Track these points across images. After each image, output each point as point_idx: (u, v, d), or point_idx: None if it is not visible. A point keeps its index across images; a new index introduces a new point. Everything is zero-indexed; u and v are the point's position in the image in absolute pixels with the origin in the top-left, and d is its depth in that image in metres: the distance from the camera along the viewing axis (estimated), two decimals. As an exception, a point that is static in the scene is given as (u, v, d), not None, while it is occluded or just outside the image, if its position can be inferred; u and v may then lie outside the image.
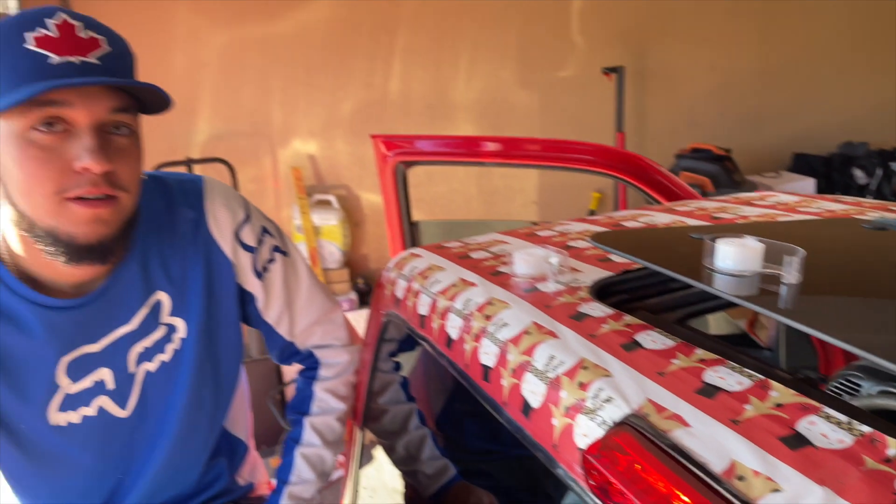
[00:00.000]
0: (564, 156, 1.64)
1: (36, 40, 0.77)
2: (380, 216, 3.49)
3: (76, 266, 0.85)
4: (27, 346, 0.89)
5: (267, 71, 3.14)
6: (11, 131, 0.78)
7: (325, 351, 1.14)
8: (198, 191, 1.01)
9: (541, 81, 3.50)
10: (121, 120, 0.82)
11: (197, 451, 1.08)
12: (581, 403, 0.59)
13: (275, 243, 1.07)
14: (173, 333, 0.99)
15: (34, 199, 0.80)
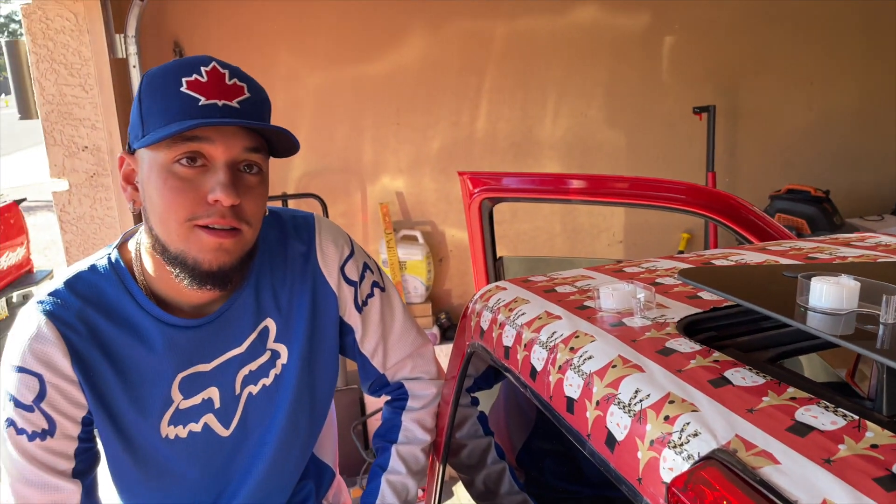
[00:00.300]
0: (653, 194, 1.63)
1: (188, 84, 0.85)
2: (463, 252, 3.54)
3: (198, 289, 0.91)
4: (149, 360, 0.96)
5: (359, 110, 3.27)
6: (157, 162, 0.87)
7: (413, 383, 1.18)
8: (309, 227, 1.08)
9: (629, 120, 3.49)
10: (252, 159, 0.90)
11: (289, 474, 1.13)
12: (667, 437, 0.58)
13: (374, 279, 1.13)
14: (277, 359, 1.05)
15: (169, 224, 0.88)
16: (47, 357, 0.91)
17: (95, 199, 2.62)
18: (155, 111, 0.86)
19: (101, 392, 0.94)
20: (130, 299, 0.96)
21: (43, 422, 0.92)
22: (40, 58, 2.48)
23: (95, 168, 2.59)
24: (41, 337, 0.91)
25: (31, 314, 0.93)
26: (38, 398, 0.91)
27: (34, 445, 0.93)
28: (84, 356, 0.93)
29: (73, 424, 0.95)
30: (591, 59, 3.38)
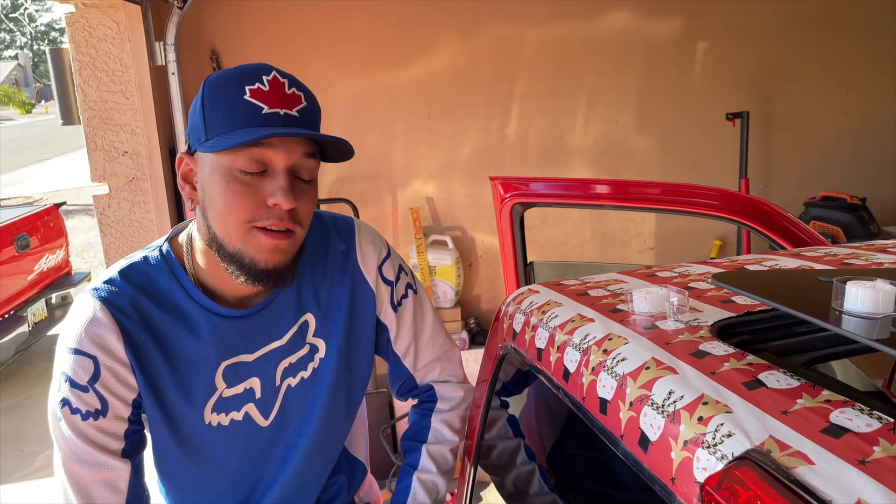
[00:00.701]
0: (686, 200, 1.63)
1: (251, 92, 0.90)
2: (492, 257, 3.55)
3: (252, 286, 0.96)
4: (195, 347, 1.00)
5: (391, 116, 3.30)
6: (220, 165, 0.91)
7: (442, 386, 1.21)
8: (350, 228, 1.13)
9: (661, 126, 3.47)
10: (307, 165, 0.94)
11: (322, 468, 1.16)
12: (701, 437, 0.59)
13: (408, 281, 1.17)
14: (315, 353, 1.09)
15: (229, 224, 0.92)
16: (102, 340, 0.95)
17: (134, 203, 2.68)
18: (218, 117, 0.90)
19: (151, 376, 0.98)
20: (180, 289, 1.00)
21: (96, 402, 0.96)
22: (83, 65, 2.56)
23: (135, 172, 2.66)
24: (96, 321, 0.95)
25: (87, 300, 0.97)
26: (93, 379, 0.96)
27: (87, 425, 0.97)
28: (136, 341, 0.97)
29: (124, 406, 0.99)
30: (623, 64, 3.37)
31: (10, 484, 3.34)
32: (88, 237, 9.28)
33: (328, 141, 0.94)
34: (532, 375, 0.98)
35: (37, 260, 4.88)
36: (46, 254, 5.02)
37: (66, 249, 5.37)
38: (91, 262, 7.85)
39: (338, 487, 1.22)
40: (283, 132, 0.89)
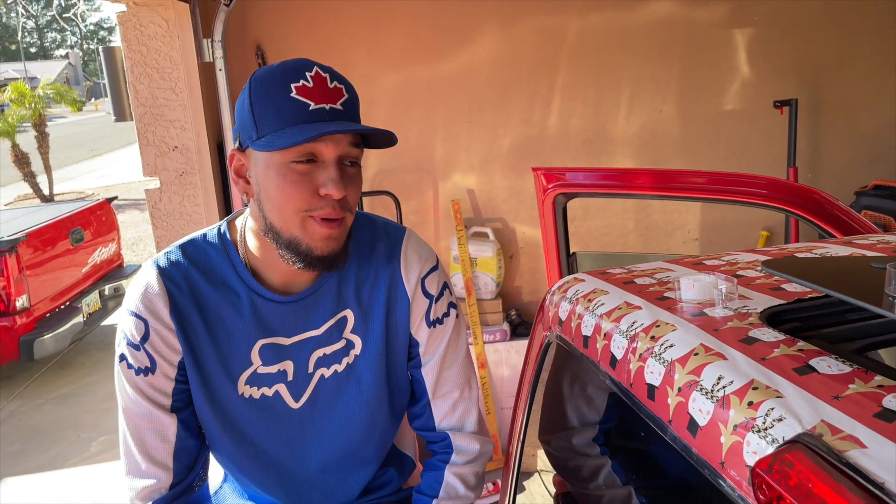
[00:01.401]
0: (732, 189, 1.60)
1: (296, 89, 0.94)
2: (533, 249, 3.55)
3: (309, 271, 1.03)
4: (236, 322, 1.07)
5: (432, 109, 3.32)
6: (274, 161, 0.96)
7: (458, 436, 1.18)
8: (399, 233, 1.16)
9: (705, 115, 3.41)
10: (354, 153, 0.99)
11: (368, 461, 1.20)
12: (751, 422, 0.60)
13: (451, 300, 1.18)
14: (350, 349, 1.11)
15: (285, 215, 0.98)
16: (153, 306, 1.04)
17: (184, 196, 2.76)
18: (268, 114, 0.95)
19: (193, 342, 1.06)
20: (231, 268, 1.07)
21: (146, 360, 1.05)
22: (135, 62, 2.64)
23: (184, 167, 2.73)
24: (150, 289, 1.05)
25: (147, 269, 1.07)
26: (143, 339, 1.04)
27: (140, 379, 1.06)
28: (182, 309, 1.05)
29: (170, 367, 1.07)
30: (667, 53, 3.33)
31: (68, 469, 3.48)
32: (138, 231, 9.54)
33: (373, 133, 0.99)
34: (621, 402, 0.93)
35: (90, 253, 5.05)
36: (100, 247, 5.19)
37: (118, 242, 5.54)
38: (141, 255, 8.07)
39: (388, 478, 1.26)
40: (331, 129, 0.93)
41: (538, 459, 1.40)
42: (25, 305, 4.24)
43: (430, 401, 1.18)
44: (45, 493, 3.26)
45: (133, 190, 12.94)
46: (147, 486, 1.08)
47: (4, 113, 11.58)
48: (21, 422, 4.09)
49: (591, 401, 1.15)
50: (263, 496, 1.20)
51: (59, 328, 4.39)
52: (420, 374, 1.17)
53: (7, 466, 3.54)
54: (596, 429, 1.17)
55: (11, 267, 4.14)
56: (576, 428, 1.18)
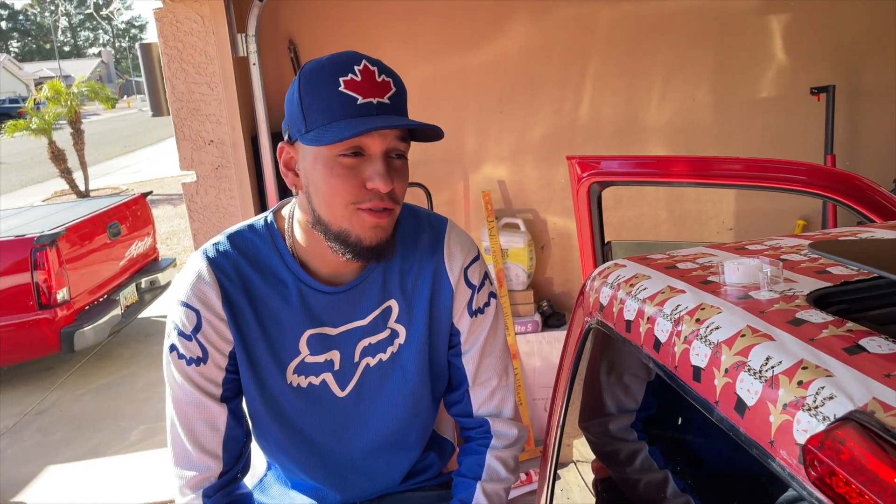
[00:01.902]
0: (769, 175, 1.59)
1: (345, 83, 0.95)
2: (565, 240, 3.54)
3: (358, 262, 1.03)
4: (285, 312, 1.08)
5: (462, 101, 3.33)
6: (323, 155, 0.98)
7: (497, 422, 1.20)
8: (442, 225, 1.17)
9: (740, 103, 3.37)
10: (401, 148, 1.00)
11: (411, 447, 1.22)
12: (801, 401, 0.60)
13: (492, 290, 1.19)
14: (395, 338, 1.13)
15: (334, 207, 0.99)
16: (205, 296, 1.05)
17: (220, 190, 2.80)
18: (316, 108, 0.96)
19: (244, 332, 1.07)
20: (279, 258, 1.08)
21: (198, 350, 1.06)
22: (171, 58, 2.68)
23: (220, 160, 2.78)
24: (202, 279, 1.06)
25: (197, 259, 1.08)
26: (195, 330, 1.06)
27: (191, 369, 1.07)
28: (233, 300, 1.06)
29: (221, 356, 1.08)
30: (700, 40, 3.29)
31: (109, 457, 3.57)
32: (171, 225, 9.70)
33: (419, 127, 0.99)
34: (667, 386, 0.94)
35: (127, 247, 5.16)
36: (136, 241, 5.29)
37: (153, 236, 5.65)
38: (175, 249, 8.21)
39: (429, 462, 1.28)
40: (379, 125, 0.94)
41: (574, 450, 1.41)
42: (66, 298, 4.35)
43: (469, 388, 1.19)
44: (87, 480, 3.34)
45: (166, 185, 13.15)
46: (197, 475, 1.09)
47: (41, 111, 11.83)
48: (62, 411, 4.20)
49: (632, 385, 1.16)
50: (308, 482, 1.22)
51: (98, 320, 4.49)
52: (460, 362, 1.19)
53: (50, 455, 3.64)
54: (637, 413, 1.18)
55: (52, 260, 4.24)
56: (617, 412, 1.19)
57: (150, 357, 4.93)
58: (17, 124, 11.91)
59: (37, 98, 12.56)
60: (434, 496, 1.26)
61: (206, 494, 1.09)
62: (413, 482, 1.26)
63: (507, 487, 1.19)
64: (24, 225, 4.77)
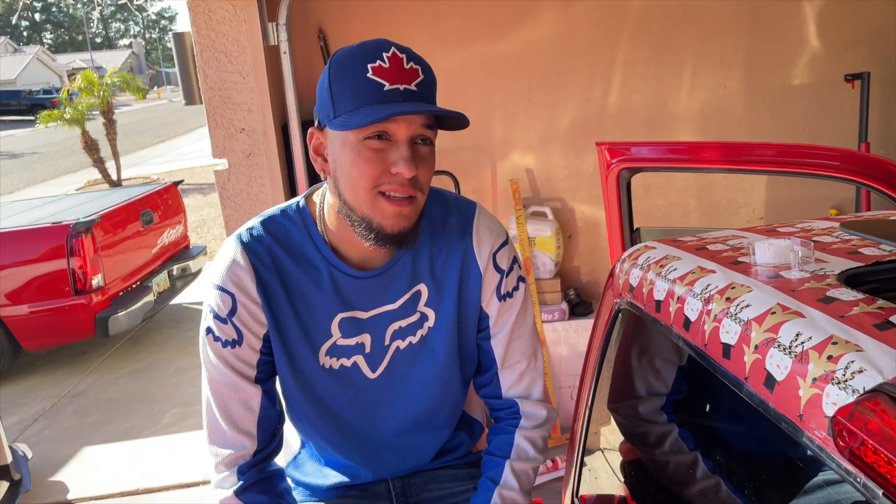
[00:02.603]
0: (802, 161, 1.57)
1: (373, 70, 0.97)
2: (592, 228, 3.54)
3: (380, 248, 1.05)
4: (317, 296, 1.11)
5: (490, 89, 3.33)
6: (350, 140, 1.00)
7: (526, 403, 1.21)
8: (471, 209, 1.19)
9: (771, 90, 3.33)
10: (426, 135, 1.01)
11: (441, 427, 1.24)
12: (830, 374, 0.61)
13: (520, 274, 1.20)
14: (424, 321, 1.15)
15: (358, 192, 1.01)
16: (240, 281, 1.08)
17: (251, 177, 2.85)
18: (344, 94, 0.98)
19: (277, 316, 1.10)
20: (310, 243, 1.11)
21: (234, 333, 1.09)
22: (203, 47, 2.73)
23: (251, 148, 2.82)
24: (237, 264, 1.08)
25: (232, 244, 1.10)
26: (231, 313, 1.08)
27: (227, 352, 1.10)
28: (267, 284, 1.09)
29: (256, 339, 1.11)
30: (732, 26, 3.25)
31: (142, 439, 3.65)
32: (202, 214, 9.84)
33: (446, 115, 1.00)
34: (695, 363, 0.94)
35: (159, 234, 5.25)
36: (168, 229, 5.38)
37: (184, 225, 5.74)
38: (205, 238, 8.34)
39: (458, 441, 1.31)
40: (403, 110, 0.95)
41: (601, 437, 1.42)
42: (101, 284, 4.44)
43: (498, 371, 1.21)
44: (123, 460, 3.43)
45: (196, 175, 13.34)
46: (232, 453, 1.11)
47: (74, 101, 12.06)
48: (98, 394, 4.30)
49: (663, 369, 1.17)
50: (341, 461, 1.25)
51: (131, 306, 4.58)
52: (489, 345, 1.20)
53: (86, 436, 3.74)
54: (667, 396, 1.19)
55: (87, 247, 4.34)
56: (647, 395, 1.20)
57: (182, 343, 5.02)
58: (51, 114, 12.15)
59: (70, 89, 12.79)
60: (463, 474, 1.29)
61: (240, 471, 1.12)
62: (443, 460, 1.29)
63: (535, 467, 1.21)
64: (60, 212, 4.88)
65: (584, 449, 1.28)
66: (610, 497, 1.29)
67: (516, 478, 1.17)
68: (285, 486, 1.18)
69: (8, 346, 4.44)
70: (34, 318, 4.38)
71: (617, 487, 1.31)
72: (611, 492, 1.31)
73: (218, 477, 1.13)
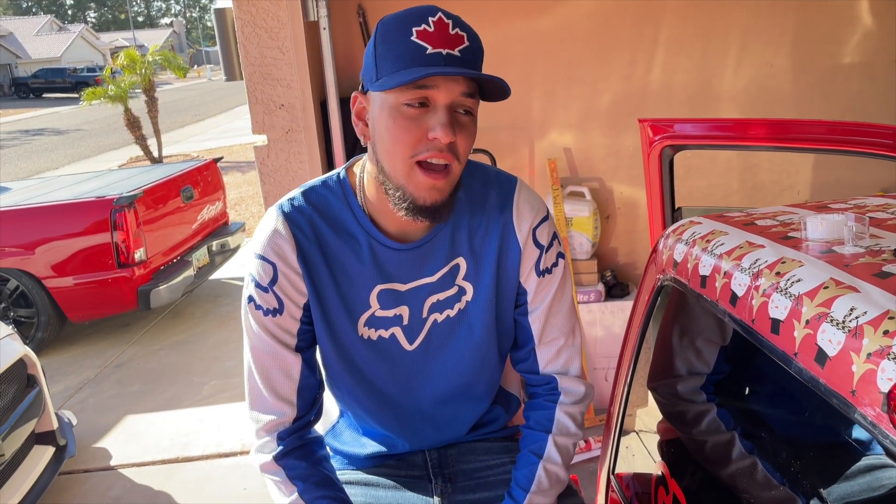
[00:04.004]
0: (854, 139, 1.52)
1: (417, 33, 0.96)
2: (631, 209, 3.49)
3: (413, 220, 1.04)
4: (357, 267, 1.12)
5: (529, 66, 3.29)
6: (388, 103, 0.99)
7: (564, 379, 1.20)
8: (511, 183, 1.18)
9: (821, 69, 3.23)
10: (467, 104, 1.00)
11: (477, 400, 1.25)
12: (886, 349, 0.59)
13: (560, 251, 1.19)
14: (462, 295, 1.15)
15: (394, 158, 1.00)
16: (281, 250, 1.09)
17: (290, 153, 2.86)
18: (388, 57, 0.97)
19: (318, 285, 1.11)
20: (350, 214, 1.11)
21: (275, 302, 1.10)
22: (244, 23, 2.74)
23: (290, 124, 2.83)
24: (278, 233, 1.09)
25: (273, 214, 1.11)
26: (272, 282, 1.10)
27: (268, 320, 1.11)
28: (308, 254, 1.10)
29: (296, 308, 1.12)
30: (780, 3, 3.15)
31: (182, 409, 3.74)
32: (240, 192, 9.97)
33: (487, 80, 0.99)
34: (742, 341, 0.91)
35: (199, 210, 5.33)
36: (207, 205, 5.46)
37: (223, 201, 5.82)
38: (243, 215, 8.45)
39: (495, 414, 1.31)
40: (439, 71, 0.94)
41: (637, 419, 1.41)
42: (143, 258, 4.54)
43: (535, 347, 1.20)
44: (163, 429, 3.52)
45: (234, 153, 13.50)
46: (272, 419, 1.13)
47: (117, 79, 12.26)
48: (140, 365, 4.42)
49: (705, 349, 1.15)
50: (378, 430, 1.26)
51: (172, 280, 4.68)
52: (527, 321, 1.19)
53: (128, 405, 3.85)
54: (707, 372, 1.17)
55: (130, 221, 4.43)
56: (686, 371, 1.18)
57: (221, 317, 5.12)
58: (95, 92, 12.37)
59: (113, 67, 13.01)
60: (499, 447, 1.29)
61: (279, 437, 1.14)
62: (479, 433, 1.29)
63: (575, 442, 1.20)
64: (104, 187, 4.99)
65: (621, 427, 1.28)
66: (647, 476, 1.28)
67: (559, 452, 1.17)
68: (324, 454, 1.20)
69: (54, 316, 4.58)
70: (79, 290, 4.50)
71: (654, 466, 1.30)
72: (646, 471, 1.30)
73: (258, 442, 1.15)
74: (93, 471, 3.20)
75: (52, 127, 22.65)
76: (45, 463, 2.79)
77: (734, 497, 1.09)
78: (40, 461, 2.77)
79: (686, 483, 1.15)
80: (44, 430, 2.88)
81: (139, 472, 3.17)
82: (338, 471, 1.23)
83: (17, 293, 4.53)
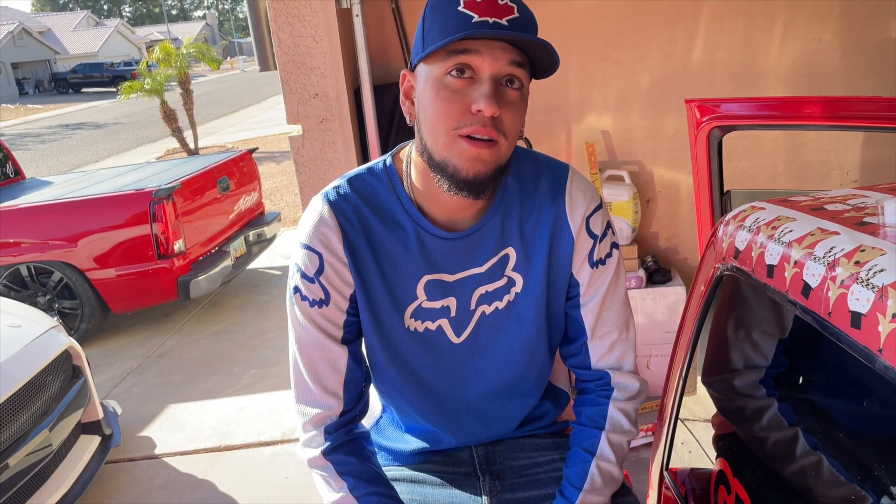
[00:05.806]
0: (914, 116, 1.44)
1: (465, 3, 0.92)
2: (672, 193, 3.40)
3: (455, 195, 0.99)
4: (404, 257, 1.08)
5: (565, 47, 3.21)
6: (432, 76, 0.95)
7: (617, 374, 1.16)
8: (564, 171, 1.13)
9: (871, 44, 3.09)
10: (514, 74, 0.95)
11: (526, 394, 1.21)
12: None
13: (614, 240, 1.14)
14: (512, 287, 1.11)
15: (437, 132, 0.96)
16: (327, 240, 1.06)
17: (324, 143, 2.85)
18: (435, 29, 0.94)
19: (364, 276, 1.08)
20: (397, 202, 1.08)
21: (321, 293, 1.08)
22: (277, 12, 2.72)
23: (324, 114, 2.81)
24: (324, 222, 1.06)
25: (319, 203, 1.08)
26: (318, 272, 1.07)
27: (314, 311, 1.08)
28: (354, 243, 1.07)
29: (342, 299, 1.09)
30: (829, -24, 3.03)
31: (223, 398, 3.78)
32: (275, 182, 10.04)
33: (539, 53, 0.94)
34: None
35: (236, 201, 5.37)
36: (244, 195, 5.50)
37: (259, 191, 5.85)
38: (278, 205, 8.51)
39: (544, 410, 1.27)
40: (480, 32, 0.90)
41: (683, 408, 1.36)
42: (182, 249, 4.59)
43: (587, 341, 1.16)
44: (205, 418, 3.56)
45: (269, 143, 13.60)
46: (319, 412, 1.11)
47: (153, 72, 12.40)
48: (181, 355, 4.47)
49: (764, 341, 1.09)
50: (423, 426, 1.23)
51: (211, 270, 4.72)
52: (579, 314, 1.15)
53: (171, 394, 3.90)
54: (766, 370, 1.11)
55: (169, 213, 4.48)
56: (744, 368, 1.13)
57: (259, 307, 5.16)
58: (132, 86, 12.54)
59: (149, 60, 13.16)
60: (548, 443, 1.26)
61: (327, 431, 1.11)
62: (528, 429, 1.25)
63: (629, 440, 1.16)
64: (143, 180, 5.05)
65: (675, 422, 1.23)
66: (705, 472, 1.23)
67: (612, 449, 1.13)
68: (372, 449, 1.18)
69: (98, 308, 4.66)
70: (121, 282, 4.57)
71: (711, 463, 1.25)
72: (703, 466, 1.25)
73: (306, 436, 1.13)
74: (137, 459, 3.25)
75: (91, 121, 23.09)
76: (92, 452, 2.83)
77: (800, 496, 1.04)
78: (87, 451, 2.81)
79: (748, 481, 1.10)
80: (90, 419, 2.93)
81: (182, 460, 3.21)
82: (383, 467, 1.20)
83: (61, 285, 4.62)
